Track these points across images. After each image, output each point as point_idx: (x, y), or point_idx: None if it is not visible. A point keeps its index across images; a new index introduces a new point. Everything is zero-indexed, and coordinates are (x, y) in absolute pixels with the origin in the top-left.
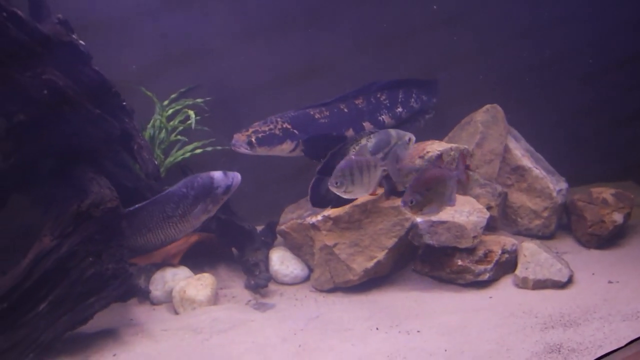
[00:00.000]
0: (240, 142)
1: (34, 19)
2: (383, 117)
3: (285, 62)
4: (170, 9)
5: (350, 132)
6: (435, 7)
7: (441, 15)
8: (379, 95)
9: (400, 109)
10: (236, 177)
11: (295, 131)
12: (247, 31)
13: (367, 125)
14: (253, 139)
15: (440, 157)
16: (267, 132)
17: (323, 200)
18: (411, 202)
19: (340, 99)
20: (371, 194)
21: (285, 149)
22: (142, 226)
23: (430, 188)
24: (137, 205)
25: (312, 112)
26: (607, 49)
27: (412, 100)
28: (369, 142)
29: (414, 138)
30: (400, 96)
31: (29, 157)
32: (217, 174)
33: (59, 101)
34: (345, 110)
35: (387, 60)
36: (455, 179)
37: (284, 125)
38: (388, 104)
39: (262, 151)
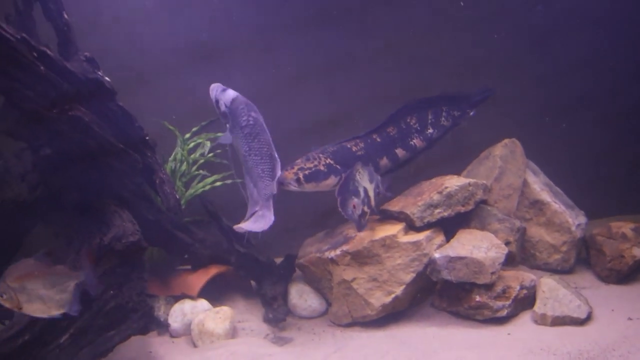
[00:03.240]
0: (288, 179)
1: (61, 55)
2: (414, 141)
3: (310, 110)
4: (197, 59)
5: (384, 161)
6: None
7: (463, 57)
8: (408, 120)
9: (430, 130)
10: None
11: (337, 166)
12: (273, 79)
13: (399, 151)
14: (300, 176)
15: (48, 253)
16: (313, 169)
17: (353, 216)
18: (1, 296)
19: (373, 129)
20: None
21: (329, 184)
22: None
23: (25, 287)
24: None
25: (349, 145)
26: (628, 91)
27: (443, 118)
28: (363, 174)
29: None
30: (430, 117)
31: (54, 189)
32: (233, 92)
33: (84, 136)
34: (378, 139)
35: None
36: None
37: (327, 161)
38: (418, 127)
39: (309, 187)
